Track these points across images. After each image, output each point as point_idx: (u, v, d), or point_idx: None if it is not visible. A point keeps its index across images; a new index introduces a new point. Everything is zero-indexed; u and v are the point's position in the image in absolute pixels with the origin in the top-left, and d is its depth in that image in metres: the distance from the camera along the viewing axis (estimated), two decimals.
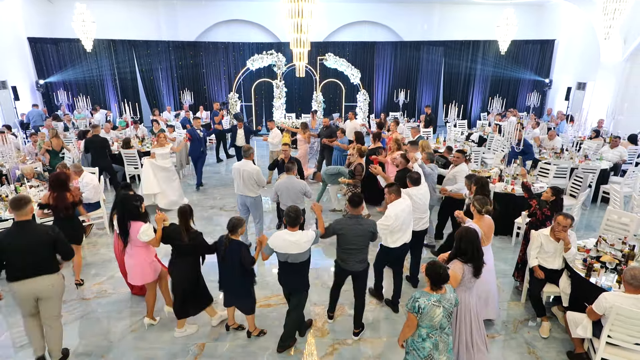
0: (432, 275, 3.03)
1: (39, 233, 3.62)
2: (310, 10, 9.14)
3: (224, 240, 3.92)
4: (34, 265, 3.58)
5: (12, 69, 13.20)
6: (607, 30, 9.19)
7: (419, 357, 3.10)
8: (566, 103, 14.85)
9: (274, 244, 3.75)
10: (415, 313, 3.00)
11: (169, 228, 4.03)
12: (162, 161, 7.46)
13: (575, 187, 7.23)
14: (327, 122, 9.71)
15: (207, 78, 15.86)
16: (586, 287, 4.11)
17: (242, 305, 4.19)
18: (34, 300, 3.69)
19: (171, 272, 4.10)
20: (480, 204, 4.22)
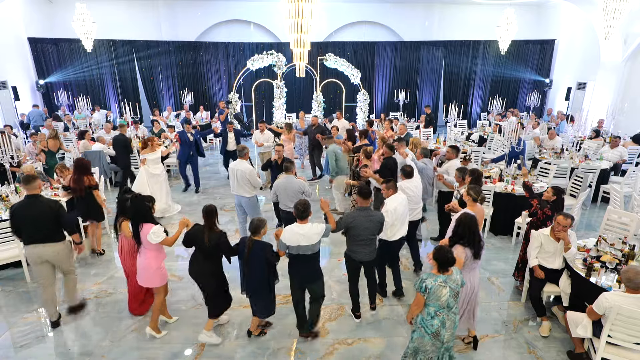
0: (440, 259, 3.23)
1: (44, 206, 4.22)
2: (311, 10, 9.14)
3: (247, 242, 3.87)
4: (41, 233, 4.20)
5: (12, 69, 13.20)
6: (607, 30, 9.19)
7: (426, 333, 3.32)
8: (566, 103, 14.85)
9: (287, 238, 3.83)
10: (422, 292, 3.23)
11: (193, 229, 4.00)
12: (153, 167, 7.23)
13: (576, 187, 7.23)
14: (316, 121, 9.69)
15: (207, 78, 15.87)
16: (586, 286, 4.11)
17: (264, 307, 4.12)
18: (45, 262, 4.33)
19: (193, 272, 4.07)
20: (476, 192, 4.39)
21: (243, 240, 3.94)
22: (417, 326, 3.38)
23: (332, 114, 14.44)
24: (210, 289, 4.10)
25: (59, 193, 6.37)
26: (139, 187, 7.06)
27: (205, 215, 3.93)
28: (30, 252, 4.25)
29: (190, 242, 4.02)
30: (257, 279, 3.92)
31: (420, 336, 3.36)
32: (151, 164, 7.21)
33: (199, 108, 14.34)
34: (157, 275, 4.16)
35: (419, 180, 5.54)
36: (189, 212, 7.80)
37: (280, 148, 6.86)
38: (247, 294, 4.07)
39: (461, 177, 5.33)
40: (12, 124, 11.58)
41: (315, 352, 4.14)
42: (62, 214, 4.31)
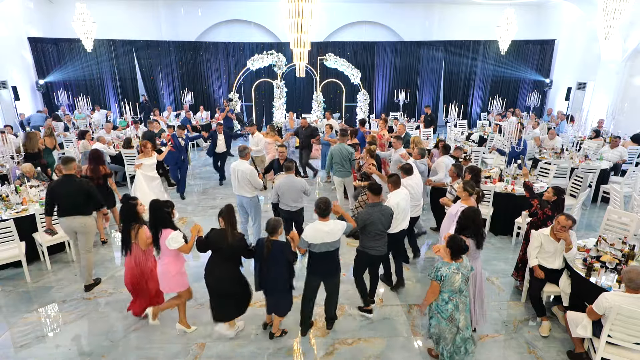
0: (454, 247, 3.49)
1: (77, 184, 5.00)
2: (311, 10, 9.14)
3: (266, 243, 3.86)
4: (73, 207, 4.96)
5: (12, 69, 13.20)
6: (607, 30, 9.18)
7: (442, 318, 3.58)
8: (566, 103, 14.85)
9: (310, 236, 3.86)
10: (438, 280, 3.48)
11: (212, 233, 3.93)
12: (150, 172, 7.18)
13: (576, 187, 7.23)
14: (306, 122, 9.66)
15: (208, 78, 15.87)
16: (586, 286, 4.11)
17: (283, 306, 4.14)
18: (73, 233, 5.11)
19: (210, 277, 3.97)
20: (471, 187, 4.63)
21: (261, 241, 3.93)
22: (433, 312, 3.65)
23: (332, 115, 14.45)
24: (236, 292, 4.03)
25: None
26: (140, 192, 6.92)
27: (227, 215, 3.89)
28: (63, 222, 5.05)
29: (209, 247, 3.92)
30: (276, 278, 3.94)
31: (437, 322, 3.63)
32: (147, 169, 7.13)
33: (199, 108, 14.34)
34: (176, 280, 4.10)
35: (419, 178, 5.71)
36: (191, 212, 7.82)
37: (283, 149, 6.86)
38: (263, 290, 4.08)
39: (456, 172, 5.57)
40: (12, 123, 11.59)
41: (315, 352, 4.14)
42: (92, 191, 5.06)
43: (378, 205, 4.38)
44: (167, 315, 4.65)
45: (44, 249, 5.59)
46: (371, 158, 6.26)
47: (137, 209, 4.20)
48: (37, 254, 5.79)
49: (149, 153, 7.18)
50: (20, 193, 6.06)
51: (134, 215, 4.19)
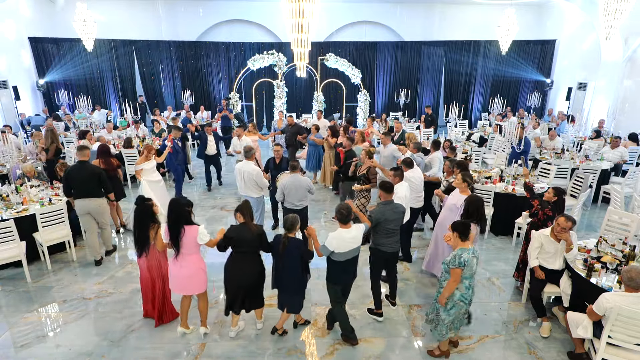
0: (460, 228, 3.69)
1: (90, 169, 5.61)
2: (311, 10, 9.12)
3: (282, 239, 3.88)
4: (87, 190, 5.53)
5: (13, 69, 13.20)
6: (608, 30, 9.17)
7: (465, 304, 3.75)
8: (567, 103, 14.84)
9: (334, 246, 3.80)
10: (461, 267, 3.58)
11: (232, 230, 3.94)
12: (150, 175, 6.91)
13: (576, 187, 7.22)
14: (292, 120, 9.73)
15: (208, 78, 15.86)
16: (587, 287, 4.10)
17: (295, 303, 4.15)
18: (87, 214, 5.62)
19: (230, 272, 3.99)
20: (470, 177, 4.94)
21: (278, 237, 3.95)
22: (455, 303, 3.72)
23: (332, 115, 14.46)
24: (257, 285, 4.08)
25: (59, 193, 6.37)
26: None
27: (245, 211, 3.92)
28: (78, 204, 5.59)
29: (230, 243, 3.93)
30: (291, 275, 3.96)
31: (458, 309, 3.75)
32: (148, 173, 6.88)
33: (200, 108, 14.34)
34: (204, 276, 4.08)
35: (419, 171, 5.95)
36: None
37: (278, 147, 6.86)
38: (277, 287, 4.10)
39: (451, 167, 5.88)
40: (12, 123, 11.60)
41: (315, 352, 4.13)
42: (102, 176, 5.65)
43: (390, 203, 4.43)
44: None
45: (44, 248, 5.59)
46: (369, 160, 6.28)
47: (153, 209, 4.11)
48: (38, 253, 5.79)
49: (148, 157, 6.91)
50: (21, 193, 6.06)
51: (150, 216, 4.10)
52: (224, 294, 4.27)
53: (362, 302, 4.93)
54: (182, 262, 3.94)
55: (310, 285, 5.03)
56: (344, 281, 4.11)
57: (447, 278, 3.69)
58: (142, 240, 4.10)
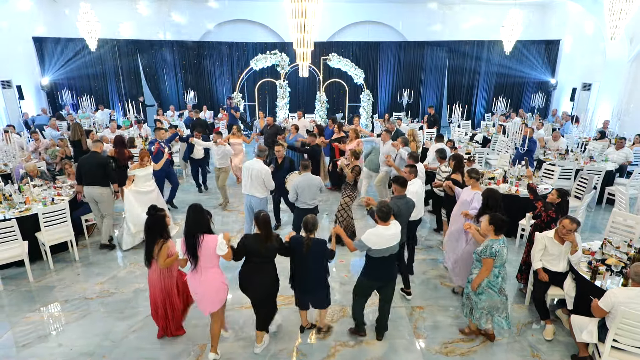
0: (498, 223, 3.89)
1: (98, 159, 6.03)
2: (314, 10, 9.10)
3: (305, 241, 3.84)
4: (94, 178, 5.93)
5: (16, 69, 13.26)
6: (612, 30, 9.11)
7: (494, 291, 3.99)
8: (571, 104, 14.75)
9: (373, 242, 3.80)
10: (493, 257, 3.83)
11: (247, 240, 3.82)
12: (144, 184, 6.28)
13: (580, 188, 7.17)
14: (272, 121, 9.61)
15: (211, 78, 15.87)
16: (591, 290, 4.06)
17: (321, 300, 4.16)
18: (93, 200, 6.04)
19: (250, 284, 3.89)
20: (476, 172, 5.08)
21: (297, 239, 3.92)
22: (484, 289, 3.97)
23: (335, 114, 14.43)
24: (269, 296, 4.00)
25: (62, 192, 6.40)
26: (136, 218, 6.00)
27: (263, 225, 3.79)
28: (86, 190, 6.03)
29: (244, 254, 3.84)
30: (315, 276, 3.98)
31: (488, 297, 3.99)
32: (141, 181, 6.23)
33: (202, 108, 14.34)
34: (225, 290, 3.84)
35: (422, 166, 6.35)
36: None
37: (279, 147, 6.87)
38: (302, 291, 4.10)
39: (439, 156, 6.54)
40: (16, 123, 11.64)
41: (316, 354, 4.12)
42: (108, 167, 6.08)
43: (403, 197, 4.60)
44: None
45: (47, 248, 5.60)
46: (356, 160, 6.31)
47: (165, 221, 3.92)
48: (40, 253, 5.82)
49: (145, 163, 6.28)
50: (24, 192, 6.08)
51: (161, 228, 3.88)
52: None
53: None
54: (200, 277, 3.64)
55: None
56: (379, 278, 4.05)
57: (478, 266, 4.01)
58: (148, 251, 3.92)
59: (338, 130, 8.88)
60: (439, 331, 4.47)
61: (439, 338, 4.36)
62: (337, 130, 8.93)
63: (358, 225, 6.64)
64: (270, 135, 9.08)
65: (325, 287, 4.11)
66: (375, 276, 4.03)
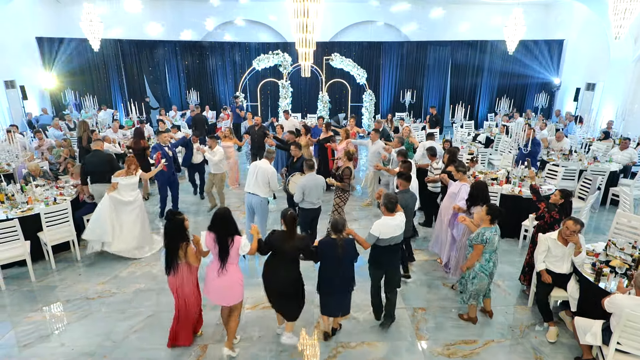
0: (494, 213, 4.26)
1: (102, 156, 6.38)
2: (316, 9, 9.09)
3: (339, 243, 3.85)
4: (101, 175, 6.13)
5: (20, 69, 13.30)
6: (617, 30, 9.03)
7: (485, 275, 4.30)
8: (575, 104, 14.67)
9: (381, 232, 4.01)
10: (483, 243, 4.17)
11: (273, 236, 3.91)
12: (127, 193, 5.82)
13: (584, 189, 7.12)
14: (259, 120, 9.45)
15: (213, 78, 15.88)
16: (595, 292, 4.02)
17: (347, 303, 4.19)
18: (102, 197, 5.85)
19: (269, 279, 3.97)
20: (463, 166, 5.47)
21: (327, 242, 3.93)
22: (476, 273, 4.30)
23: (337, 115, 14.42)
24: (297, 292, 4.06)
25: (64, 192, 6.41)
26: (97, 216, 5.68)
27: (289, 222, 3.87)
28: (94, 188, 6.27)
29: (271, 248, 3.92)
30: (347, 277, 4.03)
31: (480, 280, 4.31)
32: (124, 189, 5.80)
33: (205, 108, 14.36)
34: (242, 287, 3.96)
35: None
36: (194, 212, 7.80)
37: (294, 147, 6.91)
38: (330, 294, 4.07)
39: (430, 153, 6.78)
40: (19, 123, 11.69)
41: (318, 355, 4.10)
42: (113, 162, 6.40)
43: (408, 191, 4.96)
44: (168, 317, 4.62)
45: (49, 248, 5.61)
46: (349, 160, 6.31)
47: (184, 224, 3.87)
48: (42, 253, 5.83)
49: (131, 171, 5.90)
50: (26, 192, 6.09)
51: (181, 232, 3.84)
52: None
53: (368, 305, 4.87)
54: (224, 273, 3.79)
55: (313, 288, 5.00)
56: (385, 266, 4.27)
57: (471, 251, 4.34)
58: (170, 257, 3.85)
59: (326, 130, 8.85)
60: (441, 332, 4.45)
61: (441, 339, 4.33)
62: (324, 129, 8.89)
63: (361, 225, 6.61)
64: (259, 136, 8.94)
65: (352, 288, 4.15)
66: (381, 264, 4.24)
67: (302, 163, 6.79)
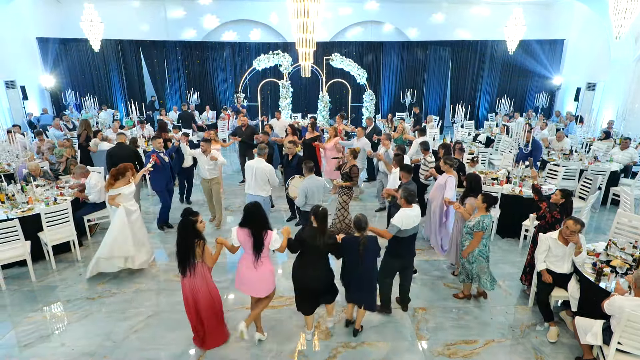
0: (490, 201, 4.56)
1: (126, 149, 7.19)
2: (316, 9, 9.07)
3: (362, 240, 3.95)
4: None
5: (20, 69, 13.31)
6: (617, 29, 9.02)
7: (484, 259, 4.68)
8: (575, 104, 14.65)
9: (403, 223, 4.22)
10: (483, 230, 4.50)
11: (305, 233, 3.96)
12: (131, 202, 5.45)
13: (585, 189, 7.11)
14: (246, 120, 9.29)
15: (214, 78, 15.88)
16: (595, 291, 4.02)
17: (373, 299, 4.25)
18: None
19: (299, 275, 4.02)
20: (451, 160, 5.79)
21: (350, 240, 4.02)
22: (476, 258, 4.66)
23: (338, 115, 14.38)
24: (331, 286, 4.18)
25: (65, 192, 6.40)
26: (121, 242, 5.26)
27: (321, 219, 3.91)
28: None
29: (301, 246, 3.96)
30: (371, 275, 4.14)
31: (480, 264, 4.67)
32: (128, 198, 5.40)
33: (205, 108, 14.36)
34: (273, 279, 4.07)
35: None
36: None
37: (291, 145, 6.90)
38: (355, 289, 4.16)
39: (423, 148, 7.12)
40: (20, 123, 11.69)
41: (318, 355, 4.10)
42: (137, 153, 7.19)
43: (411, 183, 5.28)
44: (170, 317, 4.64)
45: (49, 248, 5.61)
46: (354, 159, 6.35)
47: (197, 226, 3.81)
48: (42, 253, 5.83)
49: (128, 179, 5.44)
50: (27, 192, 6.09)
51: (195, 232, 3.79)
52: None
53: None
54: (256, 266, 3.89)
55: None
56: (403, 257, 4.48)
57: (469, 238, 4.63)
58: (185, 258, 3.78)
59: (311, 129, 8.78)
60: (442, 332, 4.44)
61: (442, 340, 4.33)
62: (310, 129, 8.80)
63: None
64: (247, 136, 8.79)
65: (376, 284, 4.28)
66: (399, 254, 4.44)
67: (297, 161, 6.83)
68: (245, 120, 9.22)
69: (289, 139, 8.20)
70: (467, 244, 4.66)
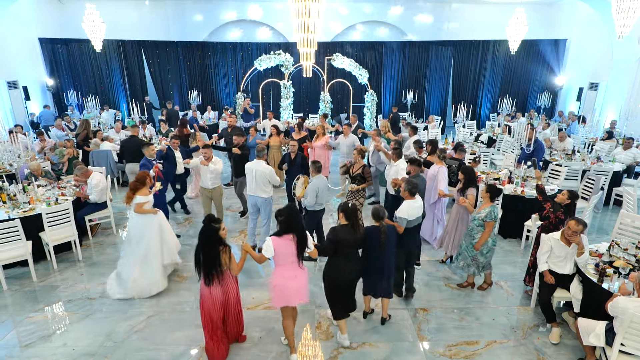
0: (494, 191, 4.83)
1: (138, 140, 7.90)
2: (318, 9, 9.06)
3: (382, 229, 4.07)
4: (135, 155, 7.37)
5: (23, 69, 13.36)
6: (620, 29, 8.97)
7: (493, 247, 4.94)
8: (578, 104, 14.60)
9: (408, 214, 4.51)
10: (494, 220, 4.73)
11: (340, 233, 3.92)
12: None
13: (587, 189, 7.07)
14: (234, 121, 9.19)
15: (215, 78, 15.90)
16: (598, 292, 3.99)
17: (391, 286, 4.39)
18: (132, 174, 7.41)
19: (339, 274, 3.98)
20: (442, 152, 6.20)
21: (371, 230, 4.14)
22: (490, 248, 4.88)
23: (338, 115, 14.38)
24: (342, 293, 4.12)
25: (66, 192, 6.42)
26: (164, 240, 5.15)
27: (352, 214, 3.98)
28: (128, 167, 7.89)
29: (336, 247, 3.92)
30: (391, 263, 4.28)
31: (492, 253, 4.95)
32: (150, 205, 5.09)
33: (207, 108, 14.37)
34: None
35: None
36: (199, 213, 7.80)
37: (295, 143, 6.95)
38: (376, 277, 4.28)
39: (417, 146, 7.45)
40: (22, 123, 11.72)
41: (319, 355, 4.08)
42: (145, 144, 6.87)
43: (419, 176, 5.52)
44: (171, 317, 4.64)
45: (50, 248, 5.61)
46: (362, 159, 6.36)
47: (220, 234, 3.68)
48: (44, 253, 5.83)
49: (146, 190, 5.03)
50: (28, 192, 6.10)
51: (218, 239, 3.68)
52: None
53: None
54: (295, 272, 3.72)
55: (316, 288, 4.99)
56: (408, 245, 4.69)
57: (480, 230, 4.78)
58: (211, 266, 3.65)
59: (298, 130, 8.82)
60: (443, 333, 4.42)
61: (443, 340, 4.31)
62: (297, 129, 8.84)
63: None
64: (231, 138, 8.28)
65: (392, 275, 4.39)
66: (404, 244, 4.61)
67: (301, 161, 6.81)
68: (231, 121, 9.11)
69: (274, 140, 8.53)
70: (479, 236, 4.80)
